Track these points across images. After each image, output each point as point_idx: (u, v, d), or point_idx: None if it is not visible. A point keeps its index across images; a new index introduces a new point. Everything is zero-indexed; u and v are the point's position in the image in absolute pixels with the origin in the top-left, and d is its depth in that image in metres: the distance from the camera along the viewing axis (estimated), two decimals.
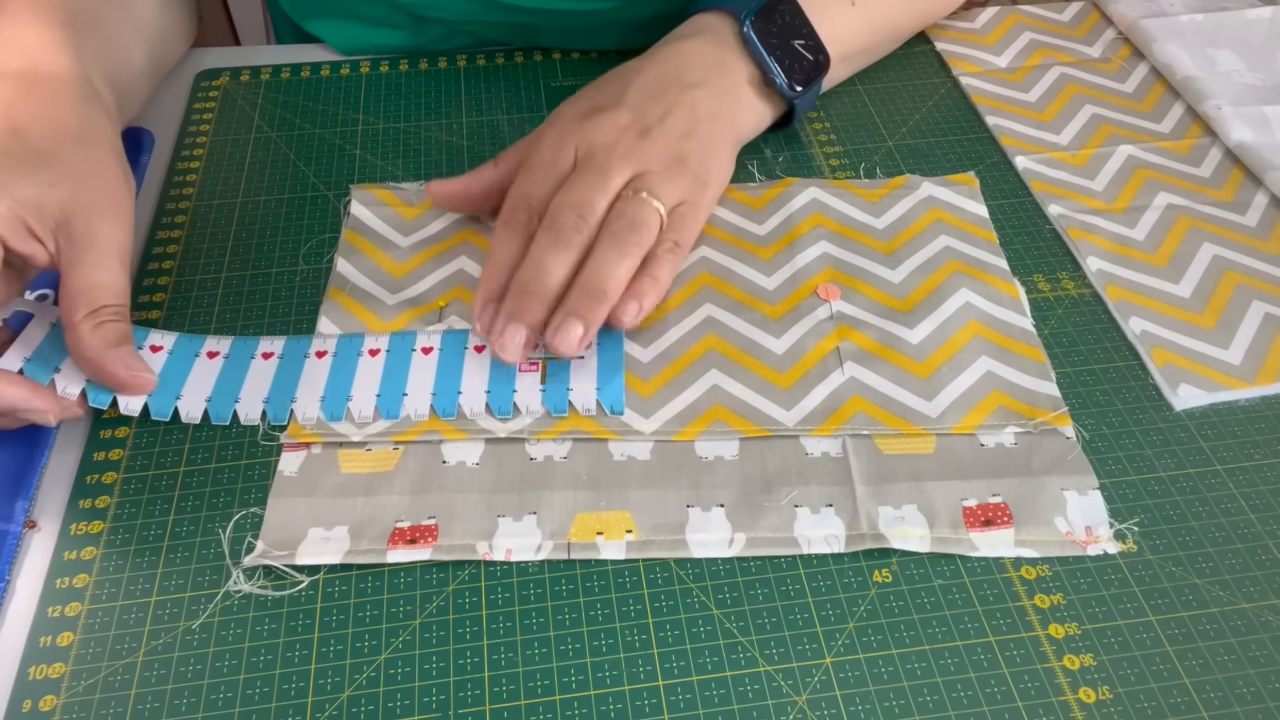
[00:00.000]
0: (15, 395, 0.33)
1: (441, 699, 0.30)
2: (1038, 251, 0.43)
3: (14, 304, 0.36)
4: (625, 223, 0.37)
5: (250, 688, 0.30)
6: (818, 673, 0.30)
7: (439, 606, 0.32)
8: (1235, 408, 0.37)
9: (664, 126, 0.40)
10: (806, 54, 0.44)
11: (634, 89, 0.42)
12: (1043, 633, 0.31)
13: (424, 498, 0.34)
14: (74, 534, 0.33)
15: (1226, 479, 0.35)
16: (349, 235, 0.43)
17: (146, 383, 0.35)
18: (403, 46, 0.53)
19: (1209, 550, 0.33)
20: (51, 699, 0.29)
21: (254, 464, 0.35)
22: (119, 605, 0.31)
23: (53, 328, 0.36)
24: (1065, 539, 0.33)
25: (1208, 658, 0.31)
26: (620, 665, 0.30)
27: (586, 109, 0.41)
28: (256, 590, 0.32)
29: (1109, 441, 0.36)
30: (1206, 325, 0.39)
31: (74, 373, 0.35)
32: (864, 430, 0.36)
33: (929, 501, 0.34)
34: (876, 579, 0.32)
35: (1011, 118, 0.49)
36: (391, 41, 0.53)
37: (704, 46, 0.44)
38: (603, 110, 0.41)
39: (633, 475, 0.34)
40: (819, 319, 0.39)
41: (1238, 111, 0.47)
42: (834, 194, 0.45)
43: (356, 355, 0.38)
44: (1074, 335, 0.39)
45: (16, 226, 0.33)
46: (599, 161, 0.39)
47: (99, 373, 0.34)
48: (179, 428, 0.36)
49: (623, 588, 0.32)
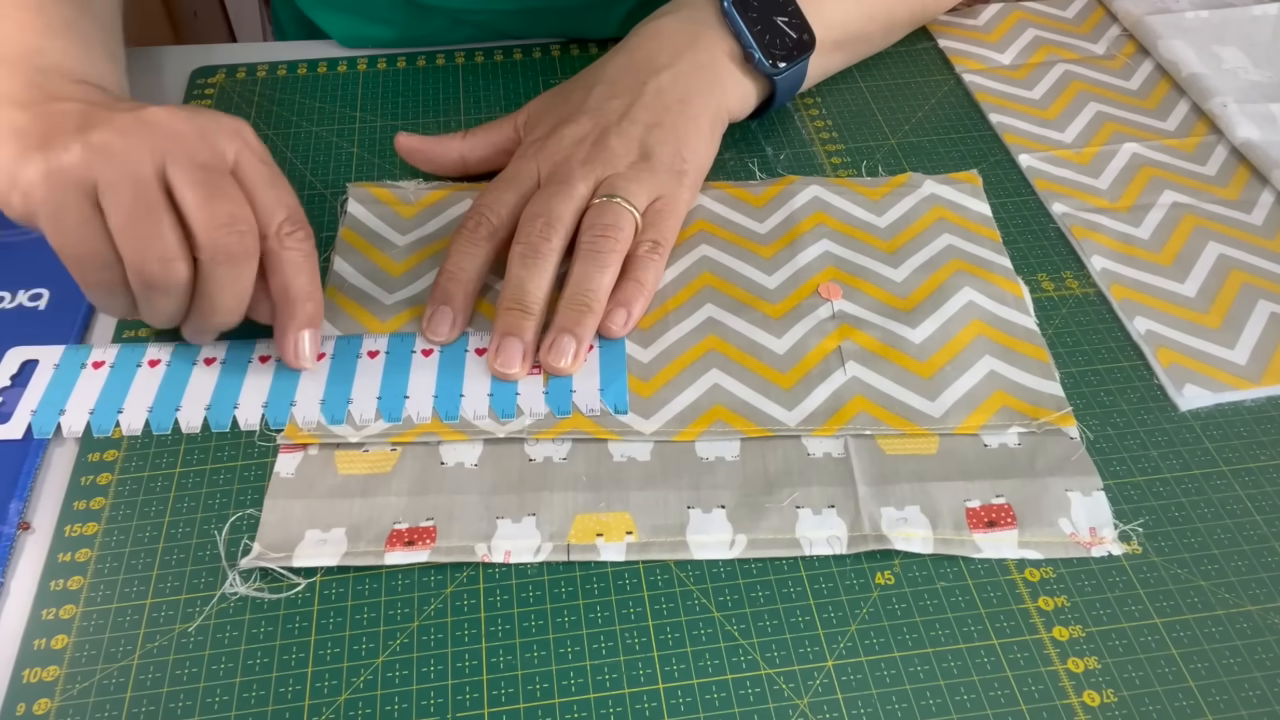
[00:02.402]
0: None
1: (440, 702, 0.29)
2: (1041, 250, 0.42)
3: (17, 354, 0.37)
4: (597, 231, 0.37)
5: (246, 691, 0.30)
6: (819, 675, 0.30)
7: (437, 609, 0.31)
8: (1241, 408, 0.37)
9: (626, 123, 0.40)
10: (790, 31, 0.44)
11: (598, 89, 0.42)
12: (1046, 635, 0.31)
13: (422, 499, 0.33)
14: (68, 535, 0.33)
15: (1232, 480, 0.35)
16: (346, 234, 0.42)
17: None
18: (405, 38, 0.53)
19: (1214, 552, 0.33)
20: (46, 702, 0.29)
21: (250, 465, 0.35)
22: (114, 608, 0.31)
23: (56, 370, 0.36)
24: (1069, 540, 0.33)
25: (1213, 661, 0.30)
26: (620, 668, 0.30)
27: (551, 124, 0.41)
28: (253, 593, 0.32)
29: (1113, 442, 0.36)
30: (1212, 325, 0.39)
31: (79, 412, 0.35)
32: (866, 430, 0.35)
33: (932, 502, 0.33)
34: (879, 581, 0.32)
35: (1015, 115, 0.49)
36: (393, 33, 0.52)
37: (678, 24, 0.43)
38: (565, 122, 0.41)
39: (633, 476, 0.34)
40: (820, 318, 0.39)
41: (1244, 109, 0.47)
42: (836, 192, 0.44)
43: (355, 357, 0.37)
44: (1078, 335, 0.39)
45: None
46: (560, 174, 0.39)
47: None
48: (174, 429, 0.36)
49: (623, 590, 0.32)
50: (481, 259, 0.38)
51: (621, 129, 0.40)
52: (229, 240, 0.32)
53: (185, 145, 0.33)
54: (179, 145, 0.32)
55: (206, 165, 0.33)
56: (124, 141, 0.32)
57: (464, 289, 0.38)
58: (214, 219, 0.32)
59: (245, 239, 0.33)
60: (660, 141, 0.40)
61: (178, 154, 0.32)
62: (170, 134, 0.33)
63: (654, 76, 0.42)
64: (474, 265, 0.38)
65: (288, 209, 0.34)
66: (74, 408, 0.35)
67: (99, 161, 0.32)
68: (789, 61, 0.44)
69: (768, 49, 0.43)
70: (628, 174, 0.39)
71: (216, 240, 0.32)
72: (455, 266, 0.38)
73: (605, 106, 0.41)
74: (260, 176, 0.34)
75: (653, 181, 0.39)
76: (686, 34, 0.43)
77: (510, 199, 0.39)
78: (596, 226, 0.38)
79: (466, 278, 0.38)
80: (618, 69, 0.42)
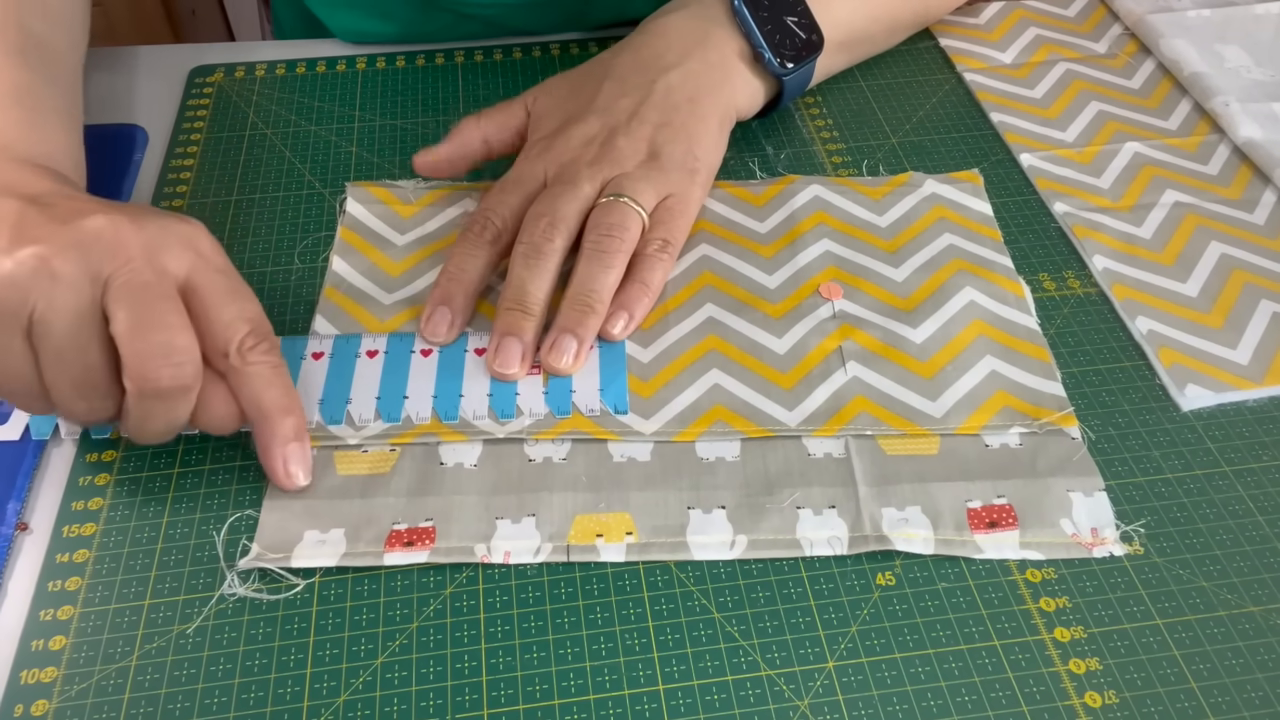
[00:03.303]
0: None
1: (439, 703, 0.29)
2: (1043, 250, 0.42)
3: None
4: (602, 230, 0.37)
5: (245, 692, 0.29)
6: (820, 677, 0.30)
7: (436, 610, 0.31)
8: (1243, 408, 0.37)
9: (634, 123, 0.40)
10: (799, 31, 0.43)
11: (606, 87, 0.41)
12: (1048, 636, 0.31)
13: (421, 500, 0.33)
14: (66, 536, 0.33)
15: (1234, 480, 0.35)
16: (345, 233, 0.42)
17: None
18: (408, 34, 0.52)
19: (1216, 553, 0.33)
20: (43, 703, 0.29)
21: (249, 466, 0.35)
22: (112, 608, 0.31)
23: None
24: (1071, 541, 0.33)
25: (1215, 662, 0.30)
26: (620, 669, 0.30)
27: (559, 122, 0.41)
28: (251, 593, 0.31)
29: (1115, 442, 0.36)
30: (1214, 325, 0.39)
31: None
32: (867, 430, 0.35)
33: (933, 503, 0.33)
34: (880, 582, 0.32)
35: (1016, 114, 0.48)
36: (397, 29, 0.52)
37: (687, 21, 0.43)
38: (572, 122, 0.40)
39: (633, 477, 0.34)
40: (821, 318, 0.39)
41: (1246, 108, 0.47)
42: (836, 191, 0.44)
43: (354, 357, 0.37)
44: (1080, 335, 0.39)
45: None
46: (567, 175, 0.39)
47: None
48: None
49: (622, 590, 0.32)
50: (484, 261, 0.38)
51: (630, 129, 0.40)
52: (160, 374, 0.30)
53: (127, 265, 0.30)
54: (120, 264, 0.30)
55: (147, 286, 0.30)
56: (62, 263, 0.29)
57: (464, 290, 0.38)
58: (146, 350, 0.29)
59: (180, 371, 0.30)
60: (669, 140, 0.40)
61: (117, 274, 0.30)
62: (111, 251, 0.30)
63: (663, 75, 0.41)
64: (476, 267, 0.38)
65: (250, 322, 0.32)
66: None
67: (35, 287, 0.29)
68: (798, 62, 0.44)
69: (777, 49, 0.43)
70: (635, 174, 0.39)
71: (146, 374, 0.30)
72: (457, 268, 0.38)
73: (613, 106, 0.41)
74: (216, 290, 0.31)
75: (662, 180, 0.39)
76: (696, 32, 0.43)
77: (515, 201, 0.39)
78: (602, 226, 0.37)
79: (468, 279, 0.38)
80: (626, 66, 0.42)
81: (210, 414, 0.32)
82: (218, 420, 0.32)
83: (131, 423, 0.31)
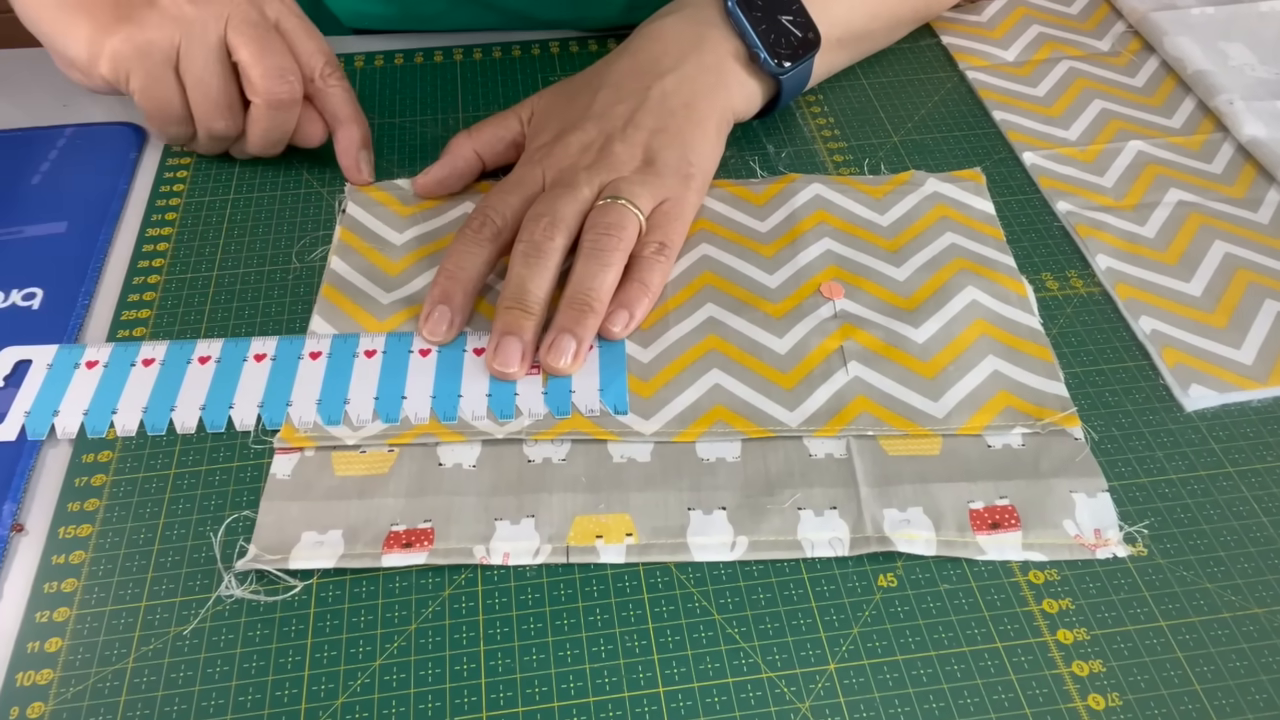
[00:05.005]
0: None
1: (438, 705, 0.29)
2: (1046, 249, 0.42)
3: (11, 354, 0.37)
4: (600, 230, 0.37)
5: (242, 694, 0.29)
6: (821, 679, 0.30)
7: (435, 611, 0.31)
8: (1247, 409, 0.36)
9: (630, 129, 0.40)
10: (795, 30, 0.43)
11: (602, 93, 0.41)
12: (1051, 638, 0.30)
13: (420, 500, 0.33)
14: (62, 537, 0.33)
15: (1239, 481, 0.34)
16: (343, 233, 0.42)
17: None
18: (407, 15, 0.53)
19: (1221, 554, 0.32)
20: (39, 706, 0.29)
21: (246, 466, 0.34)
22: (108, 610, 0.31)
23: (49, 370, 0.36)
24: (1074, 542, 0.32)
25: (1219, 664, 0.30)
26: (620, 671, 0.30)
27: (556, 130, 0.41)
28: (249, 595, 0.31)
29: (1118, 443, 0.35)
30: (1218, 325, 0.39)
31: (73, 413, 0.35)
32: (868, 431, 0.35)
33: (935, 504, 0.33)
34: (881, 583, 0.32)
35: (1019, 113, 0.48)
36: (395, 10, 0.52)
37: (682, 25, 0.43)
38: (570, 129, 0.41)
39: (632, 477, 0.34)
40: (822, 318, 0.39)
41: (1250, 106, 0.46)
42: (838, 190, 0.44)
43: (352, 357, 0.37)
44: (1083, 334, 0.39)
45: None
46: (565, 178, 0.39)
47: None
48: (169, 429, 0.35)
49: (622, 592, 0.31)
50: (483, 259, 0.38)
51: (626, 135, 0.40)
52: (280, 90, 0.40)
53: (239, 9, 0.40)
54: (233, 8, 0.40)
55: (257, 24, 0.40)
56: (194, 10, 0.39)
57: (463, 289, 0.37)
58: (268, 72, 0.40)
59: (294, 87, 0.41)
60: (665, 146, 0.40)
61: (233, 15, 0.40)
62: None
63: (658, 80, 0.41)
64: (475, 265, 0.38)
65: (325, 54, 0.42)
66: (68, 408, 0.35)
67: (178, 32, 0.39)
68: (795, 61, 0.43)
69: (773, 48, 0.43)
70: (632, 178, 0.39)
71: (270, 90, 0.40)
72: (455, 266, 0.38)
73: (610, 112, 0.41)
74: (298, 29, 0.42)
75: (658, 185, 0.39)
76: (691, 35, 0.43)
77: (514, 202, 0.39)
78: (599, 226, 0.37)
79: (466, 277, 0.38)
80: (622, 72, 0.42)
81: (304, 127, 0.43)
82: (309, 130, 0.43)
83: (256, 134, 0.42)
